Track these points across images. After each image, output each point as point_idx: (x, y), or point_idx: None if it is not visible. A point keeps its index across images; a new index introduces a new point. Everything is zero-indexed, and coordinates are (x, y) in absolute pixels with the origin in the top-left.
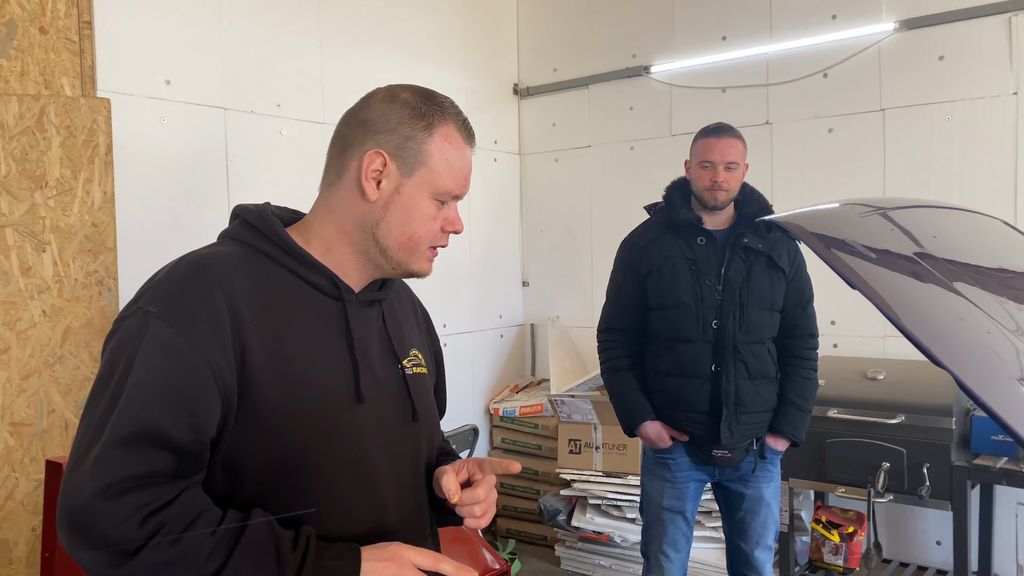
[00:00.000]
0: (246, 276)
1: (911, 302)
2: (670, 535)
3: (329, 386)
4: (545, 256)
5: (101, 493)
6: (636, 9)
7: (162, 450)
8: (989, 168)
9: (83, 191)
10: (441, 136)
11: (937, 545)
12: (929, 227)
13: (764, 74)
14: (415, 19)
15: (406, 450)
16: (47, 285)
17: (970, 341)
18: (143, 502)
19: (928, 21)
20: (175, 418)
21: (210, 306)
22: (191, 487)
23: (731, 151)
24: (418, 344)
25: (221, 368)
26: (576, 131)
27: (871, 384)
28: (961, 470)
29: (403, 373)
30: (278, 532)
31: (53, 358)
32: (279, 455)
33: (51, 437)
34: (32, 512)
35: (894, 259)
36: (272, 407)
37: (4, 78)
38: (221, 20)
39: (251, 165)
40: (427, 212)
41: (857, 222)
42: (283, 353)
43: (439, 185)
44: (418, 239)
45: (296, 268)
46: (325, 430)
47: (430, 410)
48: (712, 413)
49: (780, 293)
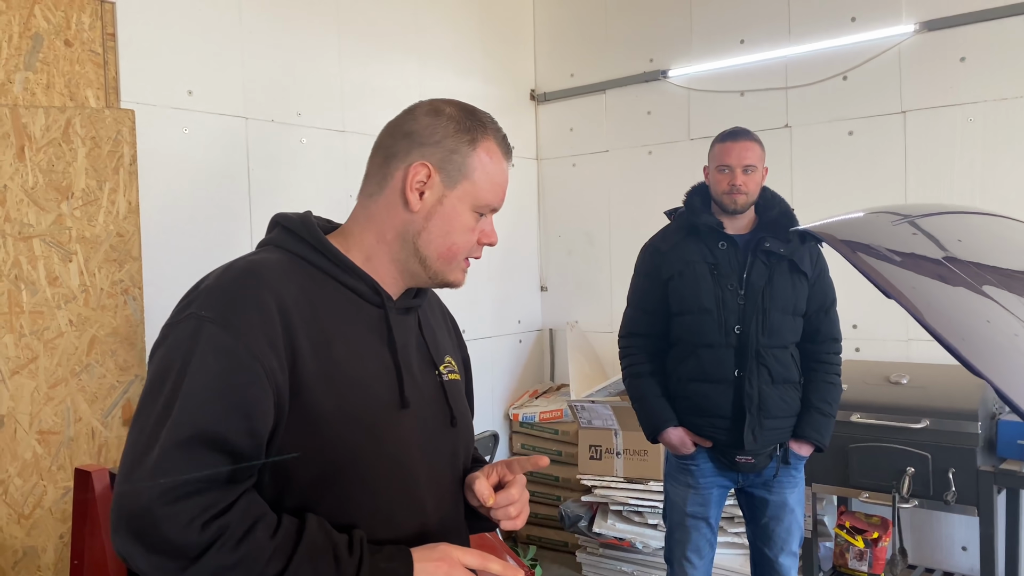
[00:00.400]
0: (293, 282)
1: (940, 306)
2: (694, 541)
3: (376, 391)
4: (563, 261)
5: (161, 497)
6: (653, 13)
7: (220, 454)
8: (1012, 170)
9: (108, 201)
10: (484, 150)
11: (963, 551)
12: (953, 231)
13: (783, 77)
14: (433, 27)
15: (445, 455)
16: (73, 295)
17: (997, 344)
18: (204, 505)
19: (949, 22)
20: (232, 421)
21: (262, 310)
22: (248, 492)
23: (748, 154)
24: (450, 351)
25: (274, 371)
26: (593, 136)
27: (895, 388)
28: (987, 475)
29: (440, 379)
30: (334, 536)
31: (80, 367)
32: (329, 459)
33: (78, 445)
34: (60, 520)
35: (922, 263)
36: (322, 411)
37: (30, 90)
38: (242, 30)
39: (272, 174)
40: (467, 224)
41: (888, 230)
42: (331, 358)
43: (480, 198)
44: (457, 249)
45: (339, 275)
46: (373, 435)
47: (466, 416)
48: (735, 418)
49: (803, 297)
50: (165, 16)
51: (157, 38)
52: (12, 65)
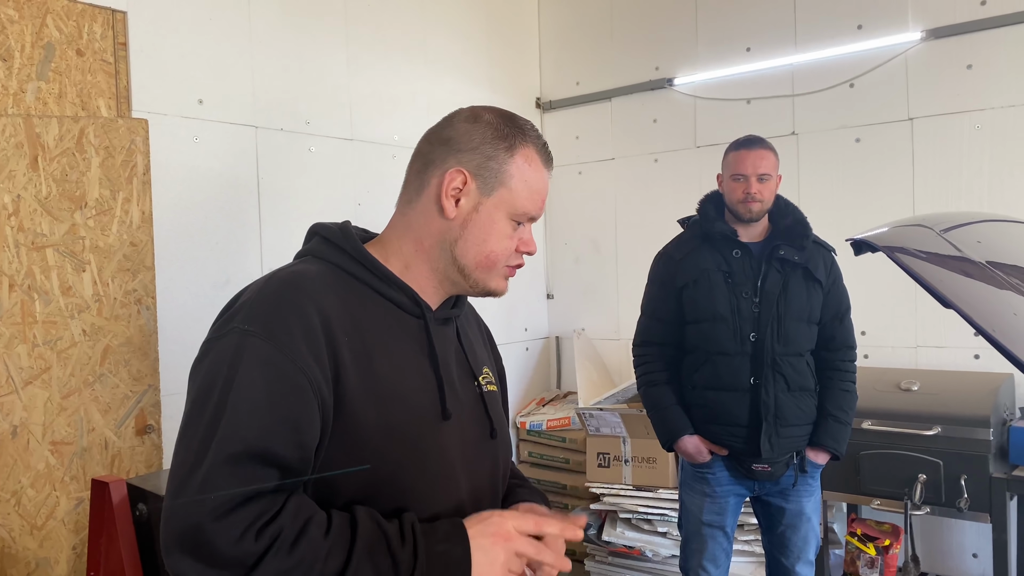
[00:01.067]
0: (334, 293)
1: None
2: (710, 550)
3: (417, 403)
4: (570, 268)
5: (211, 513)
6: (658, 22)
7: (269, 468)
8: (1021, 176)
9: (122, 211)
10: (522, 158)
11: (973, 558)
12: (976, 236)
13: (790, 84)
14: (440, 36)
15: (485, 467)
16: (87, 304)
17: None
18: (255, 515)
19: (955, 30)
20: (280, 435)
21: (305, 322)
22: (295, 493)
23: (763, 163)
24: (488, 362)
25: (319, 384)
26: (600, 144)
27: (905, 395)
28: (1000, 482)
29: (480, 391)
30: (385, 525)
31: (93, 377)
32: (372, 473)
33: (91, 456)
34: (72, 531)
35: (965, 266)
36: (365, 424)
37: (43, 100)
38: (251, 40)
39: (281, 182)
40: (504, 231)
41: (934, 239)
42: (373, 370)
43: (517, 206)
44: (495, 258)
45: (378, 286)
46: (415, 448)
47: (504, 428)
48: (751, 426)
49: (817, 305)
50: (176, 26)
51: (168, 48)
52: (24, 75)
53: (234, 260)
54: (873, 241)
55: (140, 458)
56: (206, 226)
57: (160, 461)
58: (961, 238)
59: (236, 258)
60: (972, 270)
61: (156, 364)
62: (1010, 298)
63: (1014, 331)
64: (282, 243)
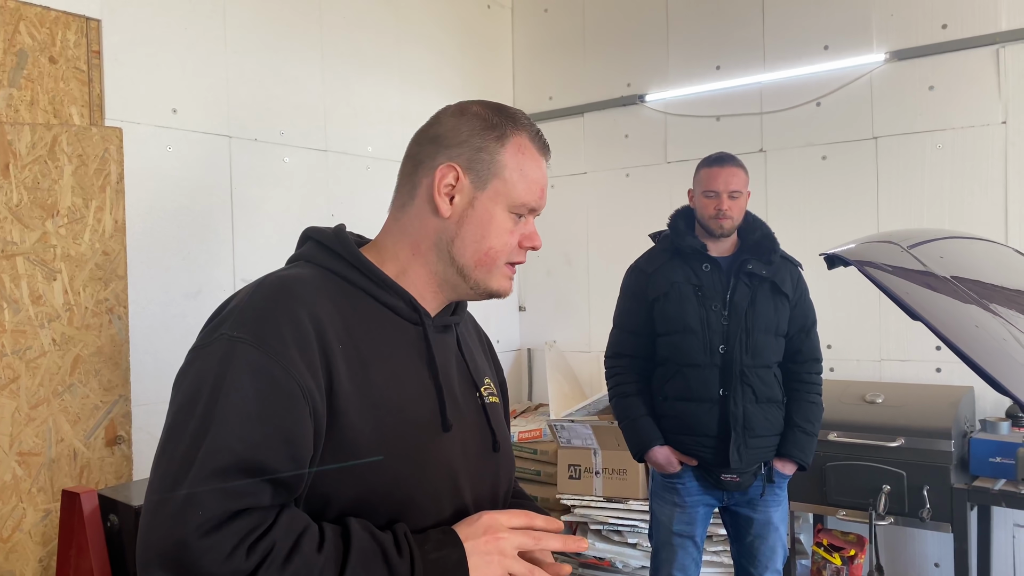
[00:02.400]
0: (328, 299)
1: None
2: (680, 560)
3: (416, 414)
4: (542, 281)
5: (198, 528)
6: (630, 39)
7: (260, 481)
8: (980, 195)
9: (94, 219)
10: (514, 146)
11: (936, 567)
12: (939, 252)
13: (758, 103)
14: (414, 50)
15: (487, 481)
16: (57, 313)
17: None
18: (246, 530)
19: (918, 52)
20: (273, 447)
21: (297, 329)
22: (287, 507)
23: (734, 180)
24: (489, 372)
25: (312, 393)
26: (572, 158)
27: (870, 407)
28: (961, 492)
29: (482, 402)
30: (380, 537)
31: (62, 387)
32: (368, 485)
33: (60, 467)
34: (39, 543)
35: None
36: (360, 434)
37: (15, 107)
38: (226, 49)
39: (255, 193)
40: (503, 226)
41: (901, 255)
42: (369, 378)
43: (514, 197)
44: (495, 254)
45: (374, 291)
46: (413, 460)
47: (507, 441)
48: (720, 437)
49: (784, 318)
50: (150, 34)
51: (142, 56)
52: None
53: (206, 270)
54: (845, 256)
55: (110, 469)
56: (179, 236)
57: (130, 472)
58: (926, 254)
59: (208, 268)
60: (937, 284)
61: (127, 374)
62: (973, 311)
63: (976, 342)
64: (255, 254)
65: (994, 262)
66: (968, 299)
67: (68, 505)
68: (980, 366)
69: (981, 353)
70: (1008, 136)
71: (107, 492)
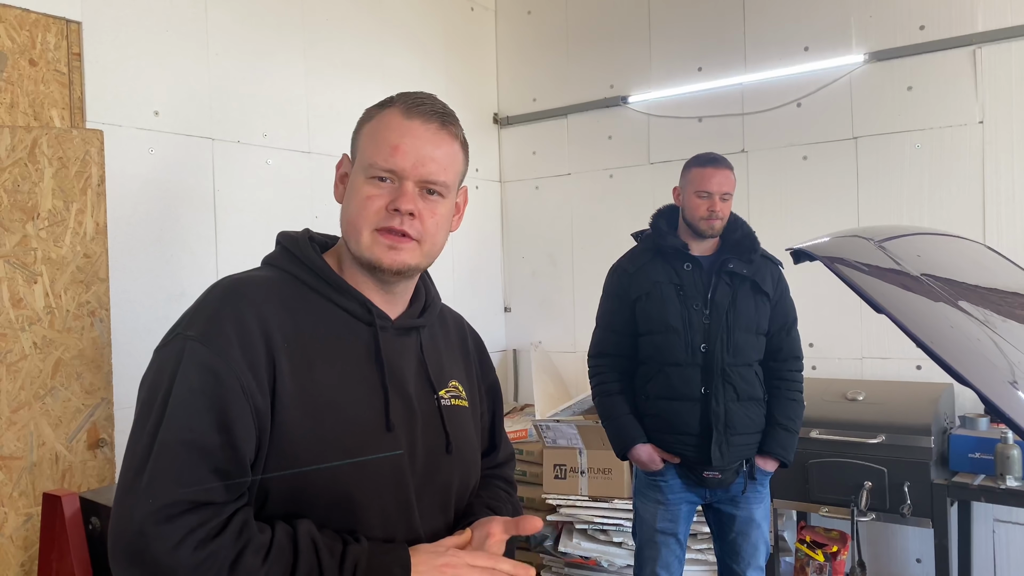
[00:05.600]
0: (279, 301)
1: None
2: (663, 558)
3: (358, 414)
4: (527, 282)
5: (152, 516)
6: (613, 41)
7: (207, 470)
8: (958, 194)
9: (75, 222)
10: (376, 120)
11: (917, 563)
12: (920, 250)
13: (739, 104)
14: (398, 51)
15: (439, 482)
16: (38, 316)
17: (962, 346)
18: (195, 524)
19: (896, 53)
20: (216, 437)
21: (242, 328)
22: (241, 511)
23: (727, 182)
24: (460, 376)
25: (254, 391)
26: (556, 159)
27: (851, 405)
28: (941, 488)
29: (439, 404)
30: (324, 561)
31: (44, 390)
32: (307, 482)
33: (41, 471)
34: (21, 547)
35: (904, 279)
36: (298, 435)
37: None
38: (208, 51)
39: (238, 195)
40: (361, 190)
41: (871, 250)
42: (312, 379)
43: (365, 159)
44: (354, 219)
45: (329, 293)
46: (353, 457)
47: (467, 445)
48: (703, 435)
49: (765, 317)
50: (132, 37)
51: (123, 58)
52: None
53: (190, 272)
54: (812, 251)
55: (92, 472)
56: (161, 238)
57: (113, 475)
58: (897, 250)
59: (192, 270)
60: (910, 283)
61: (109, 377)
62: (945, 310)
63: (949, 342)
64: (238, 256)
65: (969, 260)
66: (940, 298)
67: (49, 509)
68: (951, 366)
69: (952, 352)
70: (985, 136)
71: (88, 495)
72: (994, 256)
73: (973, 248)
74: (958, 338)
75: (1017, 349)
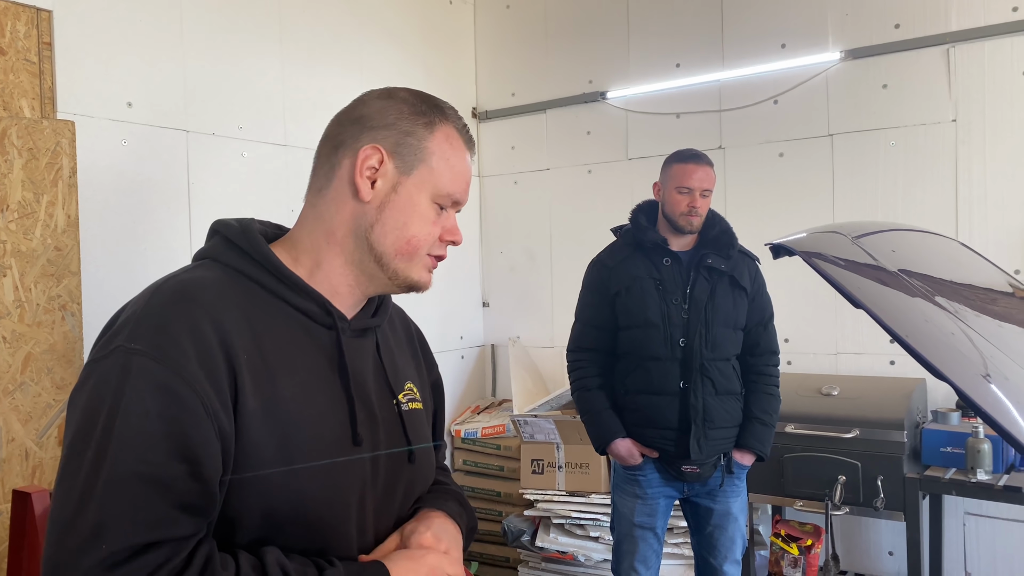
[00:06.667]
0: (234, 305)
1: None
2: (641, 552)
3: (325, 428)
4: (505, 277)
5: (102, 563)
6: (592, 36)
7: (170, 507)
8: (932, 191)
9: (46, 214)
10: (443, 135)
11: (889, 555)
12: (896, 245)
13: (717, 100)
14: (375, 44)
15: (399, 492)
16: (7, 310)
17: (938, 340)
18: (154, 565)
19: (872, 51)
20: (177, 467)
21: (199, 340)
22: (203, 543)
23: (708, 179)
24: (412, 375)
25: (216, 410)
26: (535, 154)
27: (826, 400)
28: (913, 481)
29: (399, 409)
30: None
31: (13, 385)
32: (274, 504)
33: (10, 467)
34: None
35: (879, 273)
36: (264, 454)
37: None
38: (183, 42)
39: (213, 188)
40: (426, 215)
41: (848, 246)
42: (276, 393)
43: (440, 186)
44: (417, 243)
45: (284, 293)
46: (321, 477)
47: (426, 452)
48: (681, 429)
49: (743, 312)
50: (104, 26)
51: (95, 48)
52: None
53: (163, 266)
54: (791, 246)
55: None
56: (135, 231)
57: None
58: (873, 246)
59: (166, 264)
60: (886, 278)
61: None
62: (921, 305)
63: (925, 337)
64: None
65: (944, 256)
66: (916, 293)
67: (19, 505)
68: (927, 359)
69: (928, 347)
70: (958, 134)
71: None
72: (967, 252)
73: (947, 244)
74: (933, 332)
75: (990, 343)
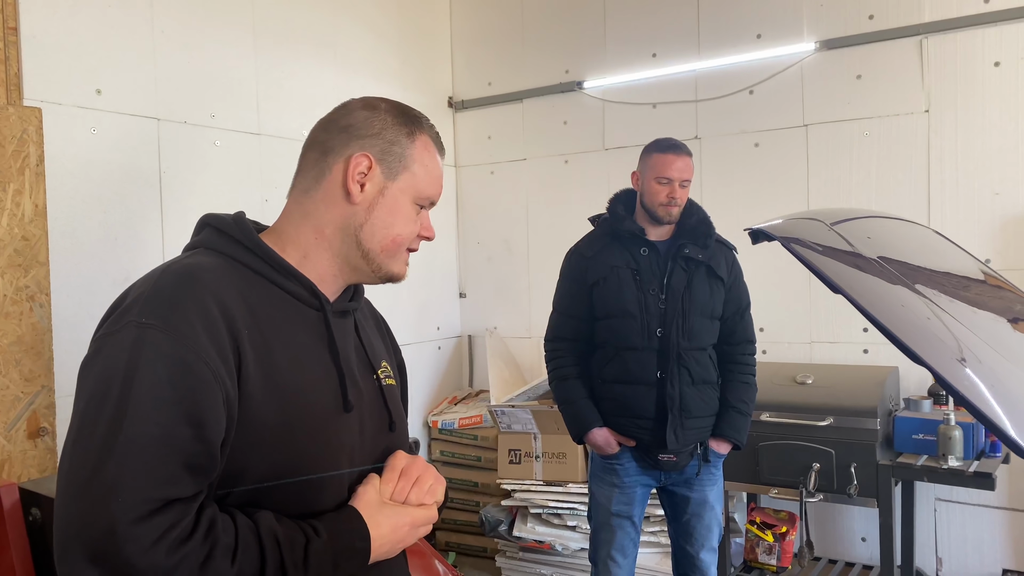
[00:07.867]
0: (232, 286)
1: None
2: (618, 540)
3: (318, 396)
4: (482, 267)
5: (124, 516)
6: (569, 26)
7: (179, 467)
8: (905, 180)
9: (13, 203)
10: (421, 144)
11: (863, 541)
12: (870, 232)
13: (693, 90)
14: (350, 32)
15: (381, 459)
16: None
17: (915, 325)
18: (167, 525)
19: (846, 42)
20: (187, 431)
21: (206, 316)
22: (207, 507)
23: (687, 169)
24: (385, 356)
25: (223, 378)
26: (511, 144)
27: (801, 388)
28: (886, 468)
29: (379, 383)
30: (287, 559)
31: None
32: (272, 466)
33: None
34: None
35: (857, 259)
36: (266, 420)
37: None
38: (154, 28)
39: (185, 176)
40: (409, 215)
41: (825, 232)
42: (273, 363)
43: (420, 189)
44: (400, 240)
45: (275, 278)
46: (316, 440)
47: (403, 421)
48: (658, 419)
49: (719, 301)
50: (72, 10)
51: (63, 33)
52: None
53: (135, 256)
54: (770, 231)
55: (32, 463)
56: (105, 220)
57: (54, 465)
58: (850, 232)
59: (137, 254)
60: (864, 264)
61: (51, 364)
62: (898, 291)
63: (903, 322)
64: (185, 239)
65: (918, 243)
66: (894, 279)
67: None
68: (904, 343)
69: (906, 331)
70: (931, 124)
71: (28, 485)
72: (941, 240)
73: (921, 232)
74: (910, 318)
75: (965, 328)
